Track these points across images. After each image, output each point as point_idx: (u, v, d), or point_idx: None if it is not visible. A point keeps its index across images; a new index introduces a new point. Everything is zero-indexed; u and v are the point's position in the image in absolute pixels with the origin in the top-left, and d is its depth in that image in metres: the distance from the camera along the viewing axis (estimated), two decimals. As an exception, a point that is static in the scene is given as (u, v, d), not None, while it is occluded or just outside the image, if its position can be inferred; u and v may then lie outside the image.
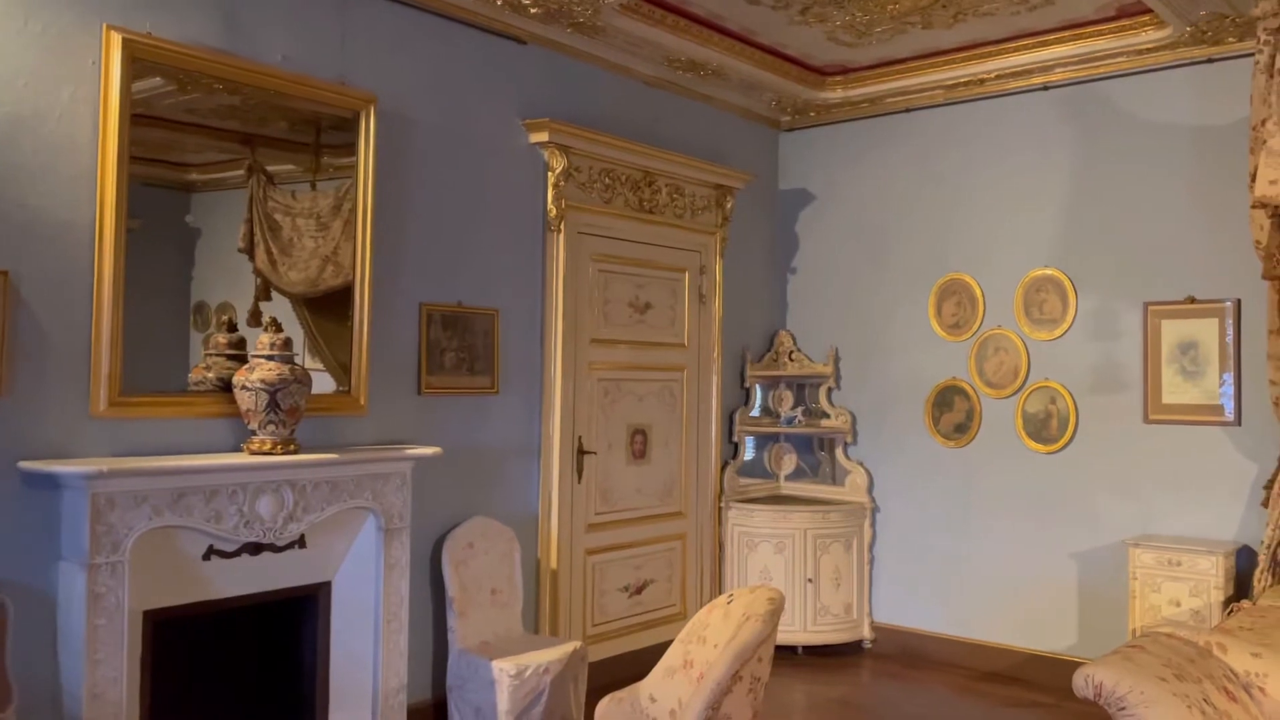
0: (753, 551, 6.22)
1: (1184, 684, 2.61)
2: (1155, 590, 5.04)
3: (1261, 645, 3.12)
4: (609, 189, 5.62)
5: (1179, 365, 5.42)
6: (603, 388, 5.64)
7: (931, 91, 6.24)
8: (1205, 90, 5.35)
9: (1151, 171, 5.54)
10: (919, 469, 6.35)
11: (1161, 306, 5.47)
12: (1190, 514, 5.35)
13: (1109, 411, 5.65)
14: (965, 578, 6.11)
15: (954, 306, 6.25)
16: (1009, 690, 5.60)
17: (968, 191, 6.23)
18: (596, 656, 5.24)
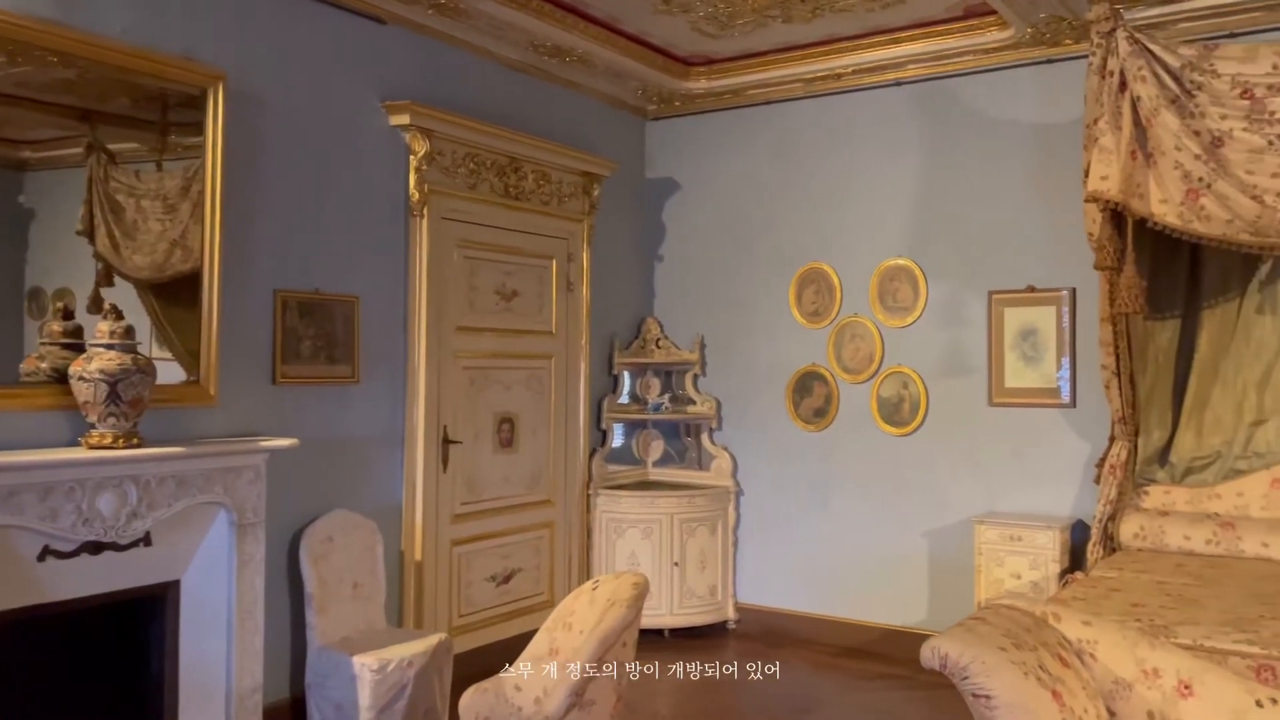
0: (621, 537, 6.26)
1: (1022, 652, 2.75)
2: (999, 564, 5.32)
3: (1092, 614, 3.33)
4: (474, 174, 5.55)
5: (1020, 351, 5.72)
6: (469, 376, 5.57)
7: (791, 84, 6.38)
8: (1045, 89, 5.64)
9: (996, 166, 5.82)
10: (781, 453, 6.52)
11: (1004, 295, 5.76)
12: (1031, 492, 5.66)
13: (956, 395, 5.92)
14: (824, 557, 6.31)
15: (813, 295, 6.43)
16: (865, 664, 5.82)
17: (826, 183, 6.40)
18: (463, 648, 5.19)
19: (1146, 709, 2.90)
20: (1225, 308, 5.06)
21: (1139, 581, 4.12)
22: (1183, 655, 2.97)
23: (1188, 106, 4.30)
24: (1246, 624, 3.36)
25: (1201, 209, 4.30)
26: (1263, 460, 4.91)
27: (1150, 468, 5.15)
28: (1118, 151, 4.33)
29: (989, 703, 2.60)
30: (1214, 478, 5.00)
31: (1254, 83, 4.16)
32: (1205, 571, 4.29)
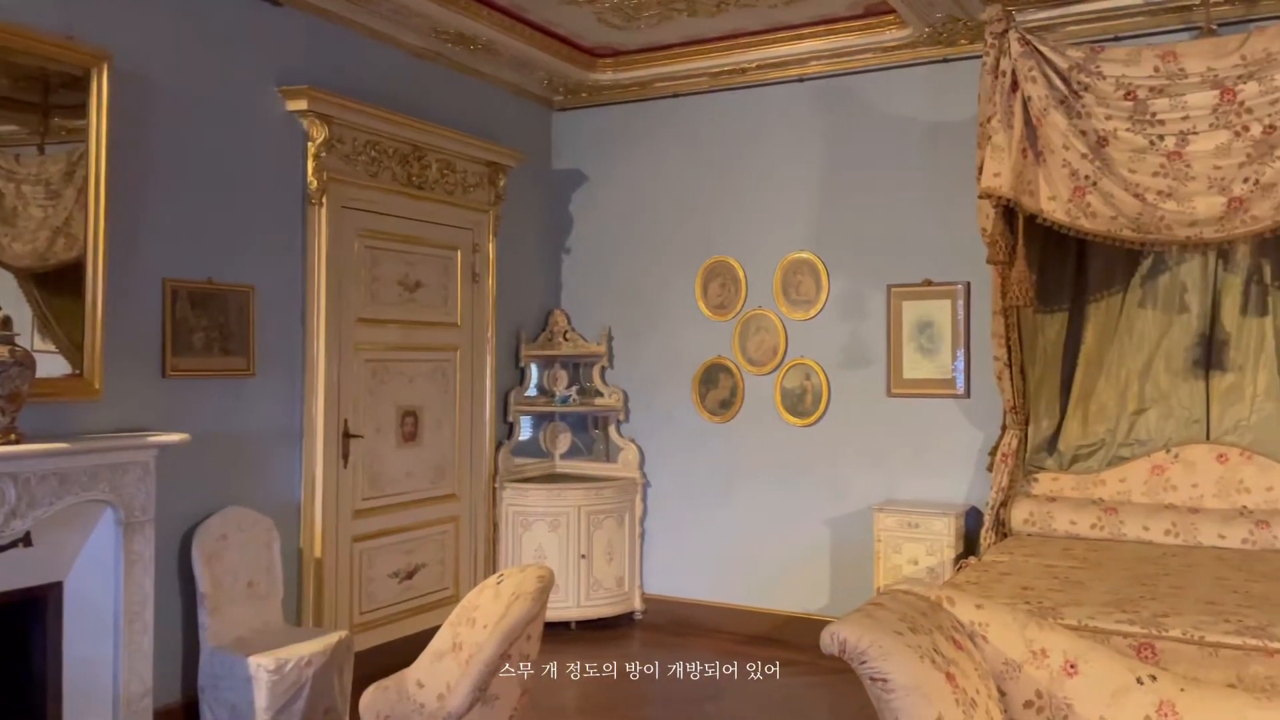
0: (528, 530, 6.23)
1: (917, 636, 2.82)
2: (897, 551, 5.46)
3: (984, 597, 3.44)
4: (375, 163, 5.43)
5: (918, 343, 5.87)
6: (371, 368, 5.46)
7: (697, 78, 6.42)
8: (941, 88, 5.79)
9: (894, 162, 5.95)
10: (687, 444, 6.56)
11: (902, 288, 5.90)
12: (927, 479, 5.82)
13: (857, 386, 6.04)
14: (729, 547, 6.38)
15: (719, 287, 6.49)
16: (770, 651, 5.90)
17: (732, 177, 6.46)
18: (365, 645, 5.09)
19: (1035, 688, 3.00)
20: (1110, 301, 5.28)
21: (1029, 565, 4.27)
22: (1069, 635, 3.09)
23: (1075, 107, 4.46)
24: (1128, 604, 3.51)
25: (1088, 206, 4.47)
26: (1144, 447, 5.14)
27: (1040, 455, 5.34)
28: (1009, 149, 4.47)
29: (886, 685, 2.66)
30: (1099, 465, 5.21)
31: (1136, 84, 4.33)
32: (1090, 555, 4.47)
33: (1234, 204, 4.17)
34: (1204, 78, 4.19)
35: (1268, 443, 4.89)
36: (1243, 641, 3.11)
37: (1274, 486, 4.77)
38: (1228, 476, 4.88)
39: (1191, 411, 5.09)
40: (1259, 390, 4.97)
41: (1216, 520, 4.69)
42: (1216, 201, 4.20)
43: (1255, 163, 4.12)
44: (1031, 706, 3.00)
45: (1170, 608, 3.45)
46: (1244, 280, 5.01)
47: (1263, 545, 4.53)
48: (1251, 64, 4.11)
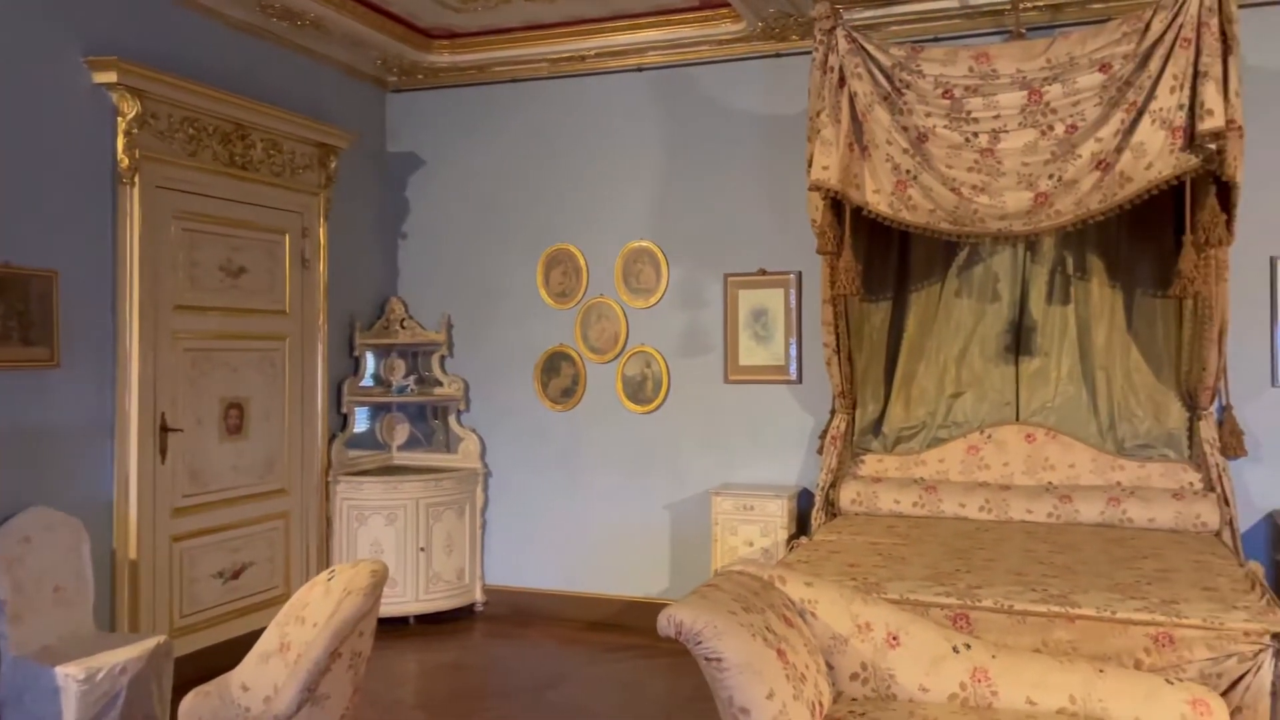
0: (363, 525, 6.05)
1: (750, 615, 2.89)
2: (733, 533, 5.59)
3: (814, 575, 3.56)
4: (194, 140, 5.14)
5: (753, 330, 6.02)
6: (191, 359, 5.17)
7: (537, 64, 6.36)
8: (774, 82, 5.93)
9: (730, 154, 6.06)
10: (529, 433, 6.52)
11: (738, 277, 6.03)
12: (763, 463, 5.98)
13: (696, 373, 6.15)
14: (572, 535, 6.39)
15: (561, 275, 6.46)
16: (611, 637, 5.95)
17: (573, 164, 6.44)
18: (187, 649, 4.84)
19: (860, 660, 3.14)
20: (929, 291, 5.55)
21: (855, 543, 4.45)
22: (891, 609, 3.24)
23: (898, 103, 4.66)
24: (945, 577, 3.70)
25: (909, 199, 4.67)
26: (960, 429, 5.43)
27: (866, 438, 5.57)
28: (837, 144, 4.63)
29: (720, 665, 2.72)
30: (920, 446, 5.47)
31: (954, 84, 4.56)
32: (912, 531, 4.69)
33: (1040, 199, 4.45)
34: (1014, 79, 4.44)
35: (1070, 423, 5.25)
36: (1047, 609, 3.32)
37: (1075, 464, 5.13)
38: (1035, 455, 5.21)
39: (1003, 394, 5.41)
40: (1063, 374, 5.33)
41: (1025, 496, 5.00)
42: (1024, 196, 4.46)
43: (1059, 160, 4.41)
44: (857, 678, 3.14)
45: (983, 580, 3.65)
46: (1049, 271, 5.36)
47: (1066, 518, 4.86)
48: (1056, 67, 4.39)
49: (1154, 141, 4.22)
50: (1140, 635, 3.16)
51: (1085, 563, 3.94)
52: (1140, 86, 4.23)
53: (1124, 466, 5.04)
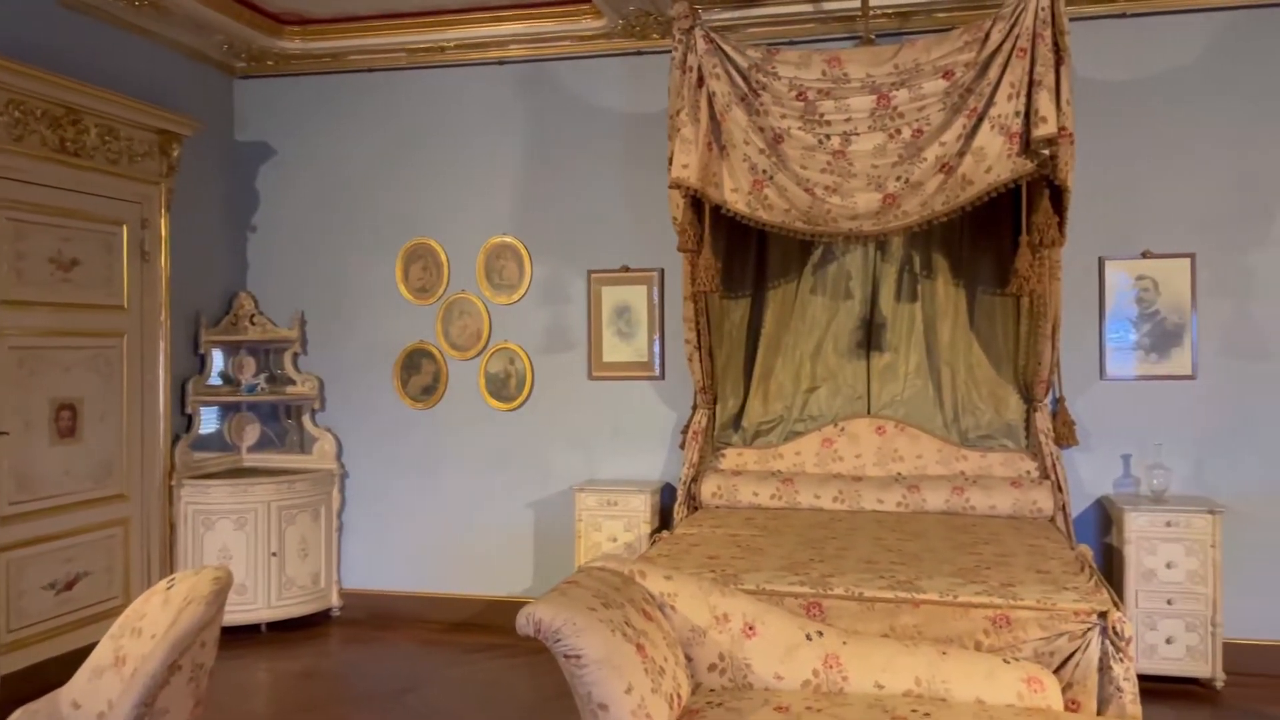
0: (210, 530, 5.78)
1: (610, 610, 2.89)
2: (597, 529, 5.59)
3: (674, 569, 3.59)
4: (20, 124, 4.79)
5: (616, 327, 6.04)
6: (17, 357, 4.83)
7: (395, 54, 6.21)
8: (636, 80, 5.96)
9: (593, 151, 6.06)
10: (389, 432, 6.37)
11: (602, 274, 6.04)
12: (626, 459, 6.00)
13: (560, 370, 6.12)
14: (433, 535, 6.27)
15: (421, 270, 6.33)
16: (473, 637, 5.87)
17: (433, 157, 6.32)
18: (14, 667, 4.54)
19: (718, 651, 3.18)
20: (786, 288, 5.68)
21: (715, 536, 4.52)
22: (748, 600, 3.30)
23: (754, 104, 4.74)
24: (799, 567, 3.79)
25: (765, 198, 4.77)
26: (816, 423, 5.59)
27: (726, 432, 5.67)
28: (696, 143, 4.69)
29: (579, 661, 2.71)
30: (778, 439, 5.61)
31: (807, 86, 4.67)
32: (769, 523, 4.79)
33: (888, 200, 4.61)
34: (864, 83, 4.59)
35: (917, 415, 5.47)
36: (894, 595, 3.45)
37: (923, 454, 5.35)
38: (885, 447, 5.41)
39: (855, 388, 5.60)
40: (910, 369, 5.54)
41: (876, 486, 5.18)
42: (874, 197, 4.62)
43: (906, 163, 4.58)
44: (715, 669, 3.18)
45: (835, 568, 3.76)
46: (898, 270, 5.56)
47: (914, 507, 5.06)
48: (903, 73, 4.56)
49: (993, 146, 4.43)
50: (980, 618, 3.31)
51: (931, 550, 4.10)
52: (980, 93, 4.43)
53: (967, 457, 5.28)
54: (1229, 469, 5.23)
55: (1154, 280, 5.34)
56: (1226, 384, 5.25)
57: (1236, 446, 5.23)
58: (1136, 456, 5.33)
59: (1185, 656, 4.86)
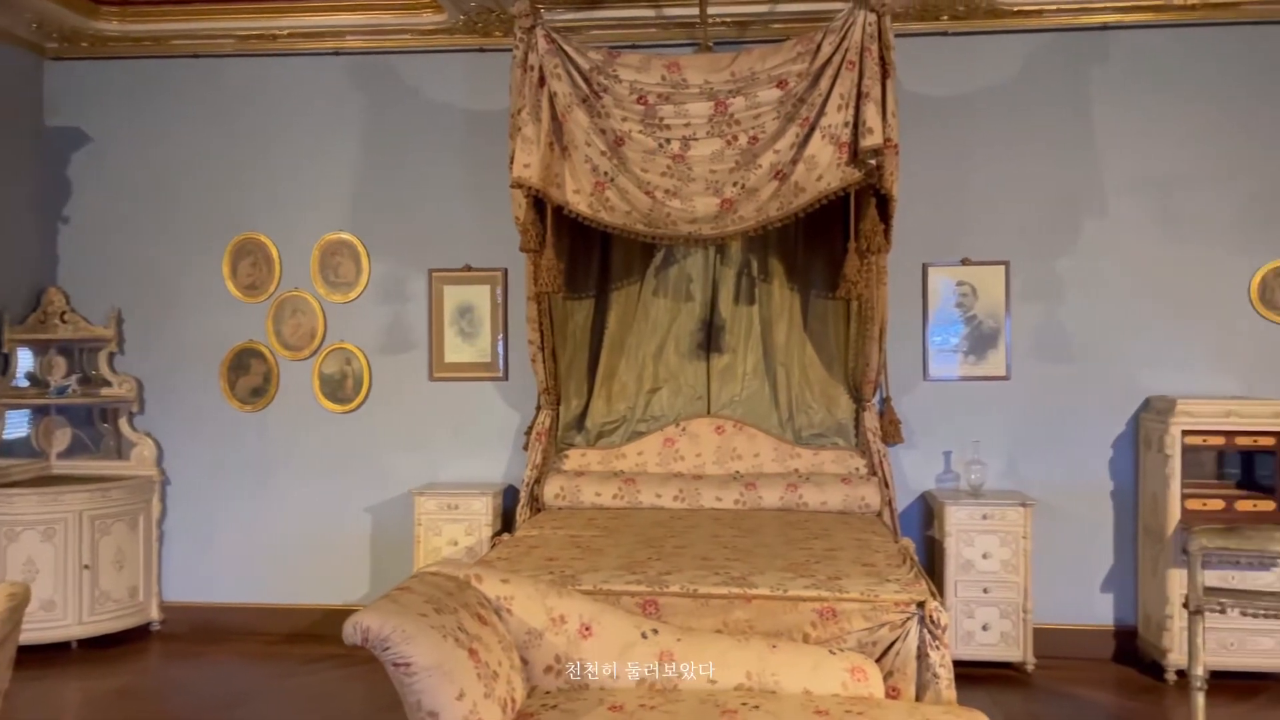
0: (14, 542, 5.38)
1: (442, 616, 2.84)
2: (437, 534, 5.50)
3: (512, 571, 3.56)
4: None
5: (459, 327, 5.94)
6: None
7: (222, 39, 5.93)
8: (479, 77, 5.88)
9: (435, 147, 5.95)
10: (215, 436, 6.08)
11: (444, 273, 5.94)
12: (469, 461, 5.92)
13: (399, 371, 5.98)
14: (264, 543, 6.02)
15: (250, 267, 6.07)
16: (307, 648, 5.66)
17: (264, 150, 6.07)
18: None
19: (555, 653, 3.17)
20: (629, 290, 5.73)
21: (556, 537, 4.50)
22: (585, 600, 3.30)
23: (596, 106, 4.76)
24: (637, 566, 3.82)
25: (607, 200, 4.79)
26: (658, 423, 5.65)
27: (570, 433, 5.67)
28: (538, 142, 4.66)
29: (408, 669, 2.65)
30: (621, 439, 5.64)
31: (648, 90, 4.72)
32: (611, 523, 4.81)
33: (726, 205, 4.71)
34: (702, 89, 4.67)
35: (755, 415, 5.60)
36: (728, 591, 3.52)
37: (760, 453, 5.48)
38: (724, 445, 5.52)
39: (696, 389, 5.69)
40: (748, 369, 5.68)
41: (715, 485, 5.28)
42: (712, 202, 4.71)
43: (742, 169, 4.68)
44: (552, 670, 3.17)
45: (672, 566, 3.81)
46: (736, 273, 5.69)
47: (751, 504, 5.19)
48: (740, 80, 4.66)
49: (824, 155, 4.58)
50: (808, 610, 3.41)
51: (764, 546, 4.21)
52: (812, 103, 4.58)
53: (801, 455, 5.45)
54: (1039, 464, 5.58)
55: (973, 286, 5.65)
56: (1036, 384, 5.60)
57: (1045, 443, 5.58)
58: (956, 453, 5.62)
59: (1000, 642, 5.16)
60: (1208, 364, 5.47)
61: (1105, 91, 5.54)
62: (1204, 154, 5.48)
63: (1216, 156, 5.47)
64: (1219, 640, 4.90)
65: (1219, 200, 5.47)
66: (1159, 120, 5.51)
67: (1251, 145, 5.44)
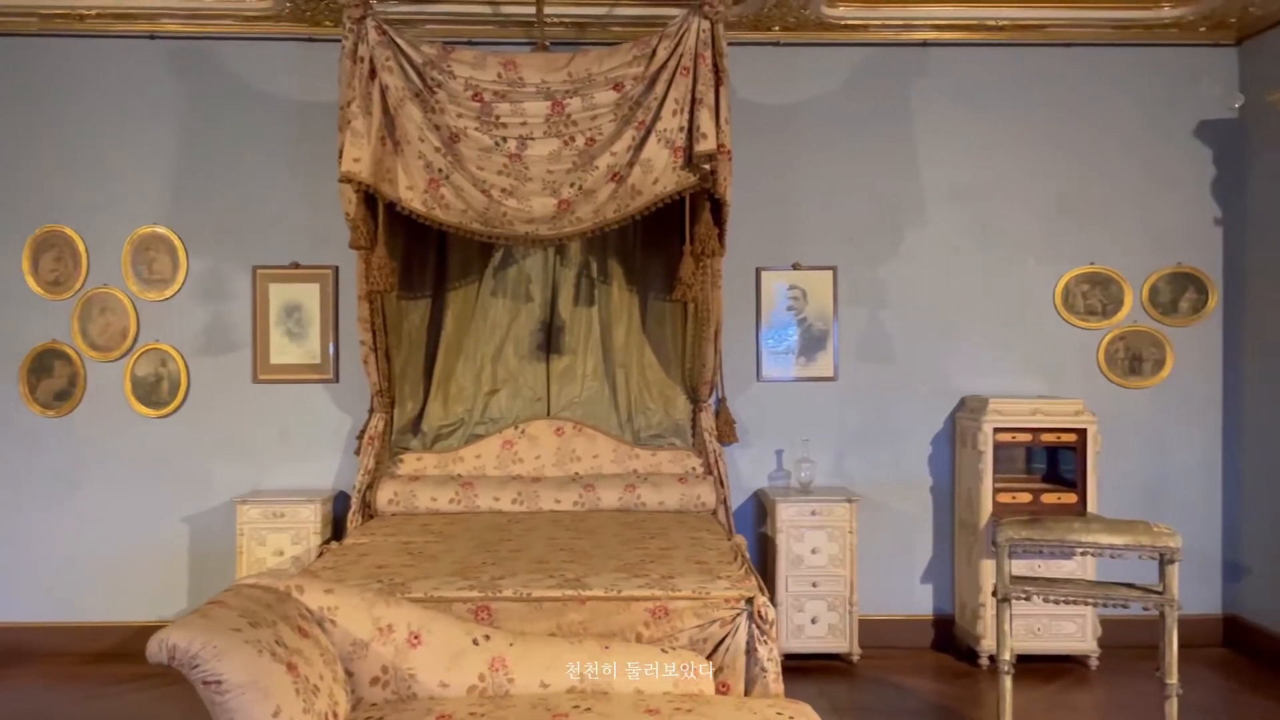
0: None
1: (258, 630, 2.70)
2: (261, 544, 5.26)
3: (338, 581, 3.44)
4: None
5: (285, 327, 5.70)
6: None
7: (23, 17, 5.49)
8: (308, 67, 5.66)
9: (261, 139, 5.70)
10: (13, 444, 5.64)
11: (270, 270, 5.69)
12: (297, 467, 5.69)
13: (221, 373, 5.70)
14: (72, 558, 5.62)
15: (53, 261, 5.65)
16: (116, 668, 5.30)
17: (70, 137, 5.66)
18: None
19: (381, 664, 3.07)
20: (467, 290, 5.64)
21: (387, 544, 4.37)
22: (414, 608, 3.21)
23: (430, 101, 4.65)
24: (470, 571, 3.75)
25: (442, 198, 4.70)
26: (497, 425, 5.58)
27: (405, 437, 5.53)
28: (369, 136, 4.53)
29: (220, 687, 2.51)
30: (458, 442, 5.54)
31: (484, 87, 4.65)
32: (446, 528, 4.71)
33: (563, 205, 4.69)
34: (539, 89, 4.64)
35: (595, 416, 5.61)
36: (561, 593, 3.49)
37: (599, 454, 5.49)
38: (564, 447, 5.50)
39: (535, 390, 5.65)
40: (588, 371, 5.67)
41: (554, 487, 5.25)
42: (549, 202, 4.68)
43: (579, 170, 4.68)
44: (378, 682, 3.07)
45: (507, 570, 3.76)
46: (576, 274, 5.68)
47: (590, 506, 5.18)
48: (576, 81, 4.65)
49: (660, 159, 4.63)
50: (641, 610, 3.43)
51: (601, 547, 4.21)
52: (648, 107, 4.62)
53: (640, 455, 5.48)
54: (864, 461, 5.81)
55: (803, 290, 5.83)
56: (861, 384, 5.82)
57: (870, 441, 5.81)
58: (788, 452, 5.78)
59: (828, 634, 5.34)
60: (1017, 365, 5.82)
61: (924, 105, 5.81)
62: (1014, 167, 5.83)
63: (1025, 169, 5.83)
64: (1027, 626, 5.23)
65: (1027, 211, 5.83)
66: (973, 134, 5.82)
67: (1056, 159, 5.82)
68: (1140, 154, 5.81)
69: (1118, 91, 5.80)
